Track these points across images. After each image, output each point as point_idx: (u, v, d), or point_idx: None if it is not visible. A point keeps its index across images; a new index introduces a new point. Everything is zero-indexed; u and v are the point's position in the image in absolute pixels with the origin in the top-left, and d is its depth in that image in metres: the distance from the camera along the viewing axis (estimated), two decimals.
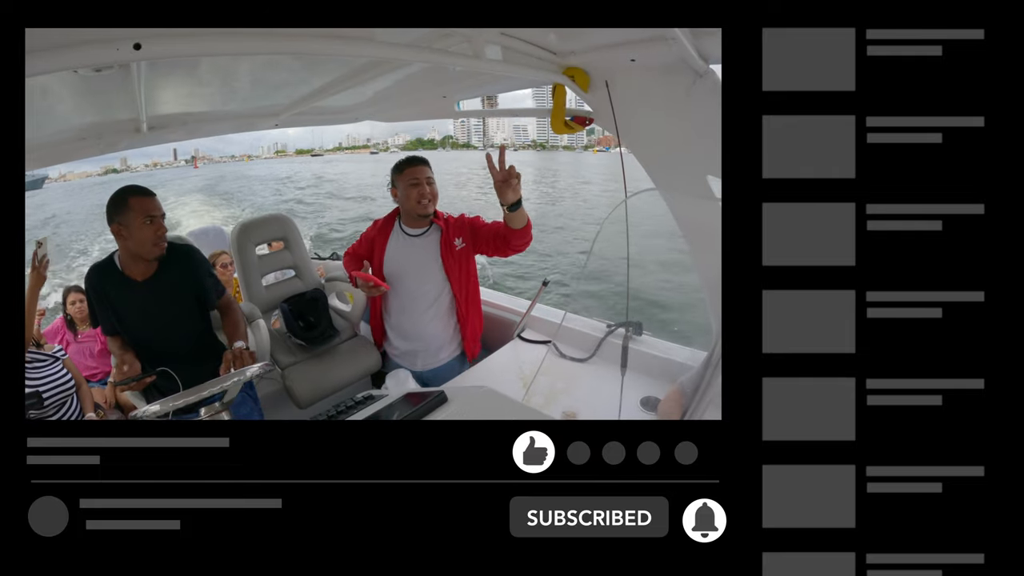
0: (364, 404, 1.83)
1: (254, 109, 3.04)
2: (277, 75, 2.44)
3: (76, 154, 2.79)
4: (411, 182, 2.89)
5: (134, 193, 2.38)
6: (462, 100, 3.08)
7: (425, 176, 2.91)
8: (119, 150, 2.96)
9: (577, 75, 2.21)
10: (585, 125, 2.48)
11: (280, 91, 2.75)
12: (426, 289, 3.00)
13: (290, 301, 3.86)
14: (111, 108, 2.37)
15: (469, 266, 3.03)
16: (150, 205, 2.39)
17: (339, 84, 2.54)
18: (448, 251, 2.94)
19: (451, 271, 2.95)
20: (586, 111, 2.42)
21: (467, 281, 3.03)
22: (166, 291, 2.53)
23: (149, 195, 2.41)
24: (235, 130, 3.31)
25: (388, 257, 3.06)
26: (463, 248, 2.96)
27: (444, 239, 2.95)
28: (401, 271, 3.04)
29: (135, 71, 1.83)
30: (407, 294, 3.05)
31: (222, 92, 2.59)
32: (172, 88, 2.34)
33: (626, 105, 2.20)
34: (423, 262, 2.98)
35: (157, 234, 2.39)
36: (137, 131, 2.70)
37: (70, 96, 2.06)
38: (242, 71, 2.30)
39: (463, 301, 3.02)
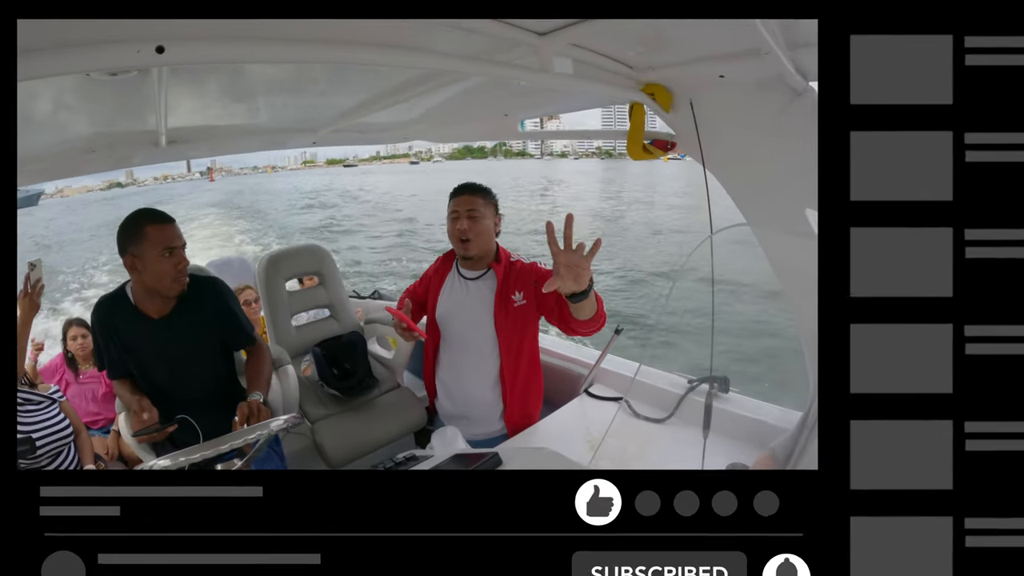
0: (406, 465, 1.89)
1: (289, 124, 3.10)
2: (316, 86, 2.48)
3: (83, 168, 2.86)
4: (452, 214, 2.91)
5: (151, 220, 2.45)
6: (526, 119, 3.17)
7: (467, 209, 2.87)
8: (133, 165, 3.09)
9: (658, 93, 2.28)
10: (667, 150, 2.54)
11: (319, 104, 2.80)
12: (474, 345, 2.99)
13: (324, 345, 3.94)
14: (126, 117, 2.41)
15: (527, 328, 2.95)
16: (170, 234, 2.46)
17: (386, 98, 2.59)
18: (503, 306, 2.90)
19: (503, 330, 2.91)
20: (667, 133, 2.50)
21: (521, 346, 2.95)
22: (186, 330, 2.60)
23: (168, 222, 2.48)
24: (266, 147, 3.42)
25: (441, 301, 3.07)
26: (523, 306, 2.90)
27: (500, 290, 2.91)
28: (451, 319, 3.05)
29: (156, 76, 1.85)
30: (456, 347, 3.05)
31: (254, 104, 2.64)
32: (197, 97, 2.39)
33: (713, 127, 2.27)
34: (474, 313, 2.97)
35: (177, 268, 2.46)
36: (155, 144, 2.76)
37: (78, 102, 2.10)
38: (278, 80, 2.34)
39: (511, 370, 2.95)
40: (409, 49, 1.65)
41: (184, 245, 2.49)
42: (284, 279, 4.09)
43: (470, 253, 2.89)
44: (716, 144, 2.30)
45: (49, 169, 2.83)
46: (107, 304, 2.61)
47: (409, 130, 3.51)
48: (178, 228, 2.50)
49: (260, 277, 4.08)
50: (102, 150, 2.75)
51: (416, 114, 3.17)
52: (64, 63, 1.21)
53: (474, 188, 2.94)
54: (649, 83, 2.28)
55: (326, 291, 4.25)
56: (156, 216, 2.47)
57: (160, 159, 3.03)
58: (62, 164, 2.79)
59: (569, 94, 2.66)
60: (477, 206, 2.89)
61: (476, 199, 2.91)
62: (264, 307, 4.11)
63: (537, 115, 3.31)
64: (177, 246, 2.45)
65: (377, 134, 3.54)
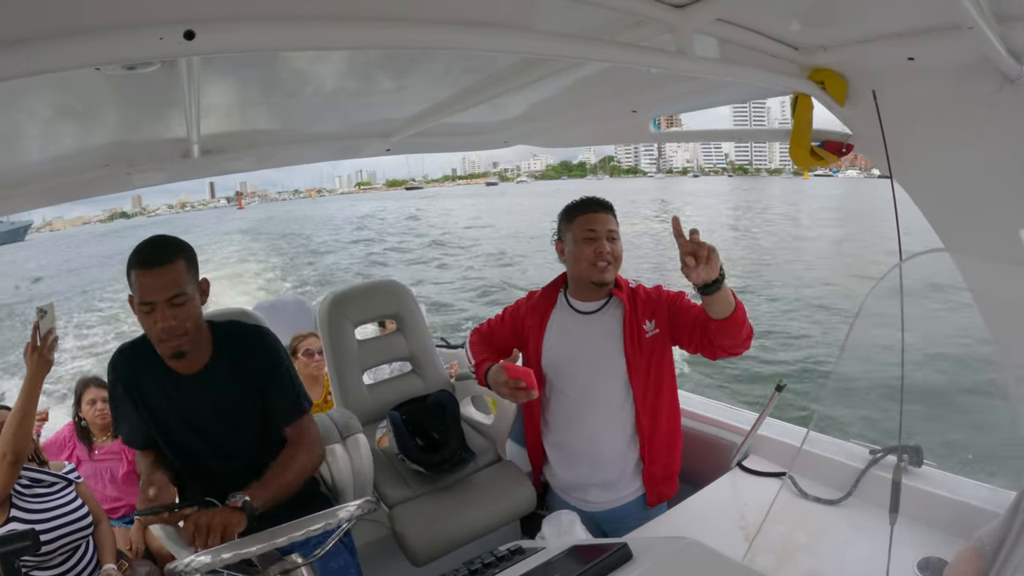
0: (511, 561, 1.83)
1: (355, 128, 3.15)
2: (388, 79, 2.47)
3: (94, 188, 2.90)
4: (585, 234, 2.93)
5: (136, 261, 2.42)
6: (659, 116, 3.17)
7: (606, 228, 2.92)
8: (160, 183, 3.06)
9: (829, 81, 2.28)
10: (842, 154, 2.51)
11: (393, 103, 2.82)
12: (600, 392, 2.99)
13: (405, 408, 3.90)
14: (147, 123, 2.45)
15: (663, 362, 2.97)
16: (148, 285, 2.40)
17: (476, 93, 2.61)
18: (633, 337, 2.92)
19: (635, 367, 2.92)
20: (841, 133, 2.48)
21: (658, 384, 2.97)
22: (222, 390, 2.64)
23: (152, 265, 2.41)
24: (325, 157, 3.48)
25: (548, 343, 3.10)
26: (656, 336, 2.93)
27: (628, 319, 2.94)
28: (567, 364, 3.05)
29: (184, 69, 1.80)
30: (574, 398, 3.05)
31: (309, 103, 2.63)
32: (236, 95, 2.39)
33: (900, 125, 2.24)
34: (598, 352, 2.99)
35: (159, 327, 2.43)
36: (185, 156, 2.81)
37: (86, 105, 2.09)
38: (338, 72, 2.32)
39: (650, 415, 2.96)
40: (507, 28, 1.62)
41: (173, 297, 2.41)
42: (354, 325, 4.07)
43: (609, 278, 2.95)
44: (903, 146, 2.26)
45: (49, 192, 2.85)
46: (128, 354, 2.65)
47: (508, 133, 3.54)
48: (171, 273, 2.42)
49: (323, 323, 4.05)
50: (118, 164, 2.78)
51: (514, 113, 3.22)
52: (67, 56, 1.16)
53: (607, 204, 2.99)
54: (818, 68, 2.27)
55: (406, 339, 4.22)
56: (142, 256, 2.43)
57: (192, 174, 3.07)
58: (66, 184, 2.80)
59: (714, 85, 2.65)
60: (614, 226, 2.96)
61: (611, 218, 2.97)
62: (328, 360, 4.06)
63: (676, 111, 3.29)
64: (156, 301, 2.41)
65: (465, 139, 3.58)
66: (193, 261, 2.56)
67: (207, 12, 1.18)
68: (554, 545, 1.90)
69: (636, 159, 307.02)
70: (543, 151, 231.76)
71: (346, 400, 3.96)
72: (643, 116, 3.11)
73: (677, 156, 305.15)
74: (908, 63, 2.06)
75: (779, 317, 19.64)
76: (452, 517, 3.44)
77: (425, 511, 3.48)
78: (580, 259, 2.93)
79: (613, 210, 2.98)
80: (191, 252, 2.56)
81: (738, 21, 2.03)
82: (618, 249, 2.94)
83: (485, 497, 3.57)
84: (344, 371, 4.00)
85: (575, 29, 1.87)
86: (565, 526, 2.59)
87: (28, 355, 2.90)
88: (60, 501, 3.28)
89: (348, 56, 2.10)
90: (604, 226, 2.91)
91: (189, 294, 2.47)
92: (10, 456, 2.95)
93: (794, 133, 2.47)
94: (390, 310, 4.25)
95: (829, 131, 2.49)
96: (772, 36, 2.16)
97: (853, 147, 2.47)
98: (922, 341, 13.23)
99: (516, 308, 3.25)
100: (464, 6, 1.58)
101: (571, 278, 3.07)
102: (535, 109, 3.12)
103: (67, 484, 3.38)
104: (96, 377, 4.79)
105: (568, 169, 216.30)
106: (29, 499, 3.17)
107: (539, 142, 3.75)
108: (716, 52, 2.20)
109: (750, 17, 2.03)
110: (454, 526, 3.41)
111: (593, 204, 2.98)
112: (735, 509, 2.92)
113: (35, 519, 3.11)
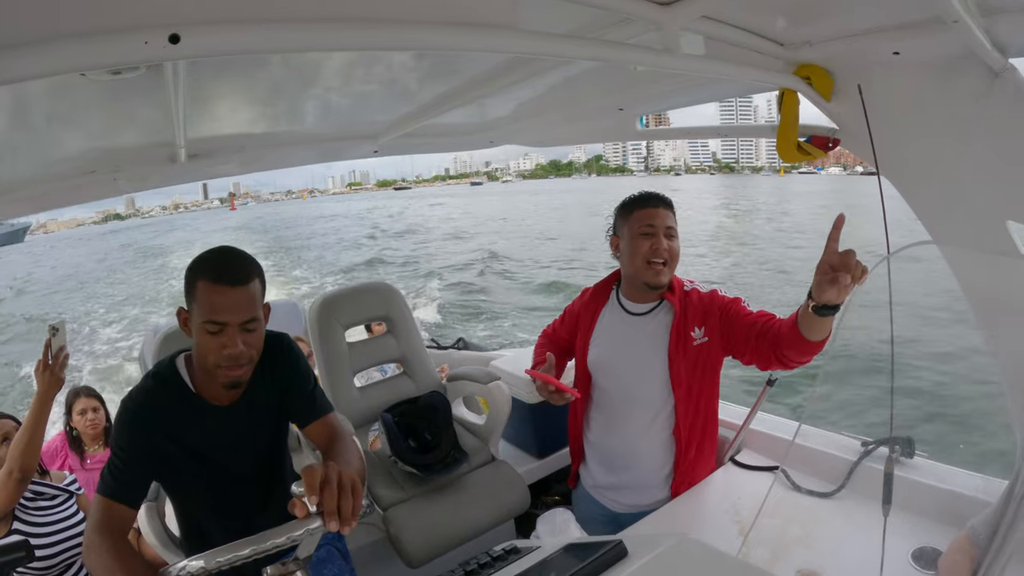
0: (507, 560, 1.82)
1: (342, 130, 3.12)
2: (375, 80, 2.44)
3: (81, 194, 2.84)
4: (643, 229, 2.85)
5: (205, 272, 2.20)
6: (646, 114, 3.16)
7: (664, 224, 2.84)
8: (147, 187, 3.00)
9: (815, 76, 2.29)
10: (828, 149, 2.51)
11: (380, 104, 2.79)
12: (641, 397, 2.94)
13: (396, 410, 3.90)
14: (133, 128, 2.40)
15: (707, 371, 2.91)
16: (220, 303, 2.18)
17: (463, 94, 2.60)
18: (680, 344, 2.86)
19: (679, 376, 2.86)
20: (827, 127, 2.47)
21: (700, 396, 2.91)
22: (256, 412, 2.45)
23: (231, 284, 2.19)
24: (313, 160, 3.43)
25: (595, 343, 3.06)
26: (704, 344, 2.86)
27: (677, 325, 2.88)
28: (610, 365, 3.01)
29: (170, 73, 1.77)
30: (619, 399, 3.01)
31: (295, 105, 2.61)
32: (224, 99, 2.35)
33: (885, 119, 2.25)
34: (642, 356, 2.93)
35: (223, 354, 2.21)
36: (172, 161, 2.75)
37: (71, 110, 2.03)
38: (326, 74, 2.29)
39: (688, 426, 2.91)
40: (493, 28, 1.59)
41: (248, 321, 2.22)
42: (343, 327, 4.05)
43: (665, 280, 2.86)
44: (890, 141, 2.27)
45: (35, 199, 2.78)
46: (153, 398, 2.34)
47: (493, 133, 3.52)
48: (249, 293, 2.22)
49: (312, 326, 4.02)
50: (104, 170, 2.72)
51: (501, 113, 3.20)
52: (52, 61, 1.14)
53: (666, 200, 2.91)
54: (804, 64, 2.28)
55: (397, 341, 4.21)
56: (218, 270, 2.20)
57: (179, 179, 3.04)
58: (52, 191, 2.75)
59: (701, 82, 2.65)
60: (673, 222, 2.88)
61: (671, 214, 2.89)
62: (318, 363, 4.03)
63: (663, 109, 3.27)
64: (229, 322, 2.19)
65: (452, 139, 3.54)
66: (264, 283, 2.35)
67: (192, 15, 1.17)
68: (549, 544, 1.89)
69: (624, 158, 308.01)
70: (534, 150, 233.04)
71: (337, 403, 3.91)
72: (629, 114, 3.10)
73: (665, 155, 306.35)
74: (893, 57, 2.07)
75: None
76: (447, 518, 3.43)
77: (419, 513, 3.46)
78: (636, 255, 2.85)
79: (672, 206, 2.91)
80: (263, 274, 2.34)
81: (724, 18, 2.02)
82: (676, 247, 2.86)
83: (479, 497, 3.57)
84: (335, 374, 3.98)
85: (561, 28, 1.88)
86: (560, 525, 2.63)
87: (39, 373, 2.83)
88: (63, 514, 3.26)
89: (335, 58, 2.08)
90: (663, 221, 2.83)
91: (261, 320, 2.30)
92: (17, 474, 2.91)
93: (781, 128, 2.45)
94: (380, 312, 4.23)
95: (816, 126, 2.48)
96: (758, 32, 2.16)
97: (840, 142, 2.46)
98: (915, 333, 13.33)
99: (572, 307, 3.22)
100: (449, 6, 1.57)
101: (624, 276, 3.01)
102: (522, 109, 3.10)
103: (68, 496, 3.35)
104: (87, 387, 4.78)
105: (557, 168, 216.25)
106: (32, 512, 3.14)
107: (526, 141, 3.74)
108: (702, 49, 2.20)
109: (736, 14, 2.03)
110: (449, 527, 3.40)
111: (652, 199, 2.90)
112: (729, 504, 2.92)
113: (37, 532, 3.08)
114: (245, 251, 2.31)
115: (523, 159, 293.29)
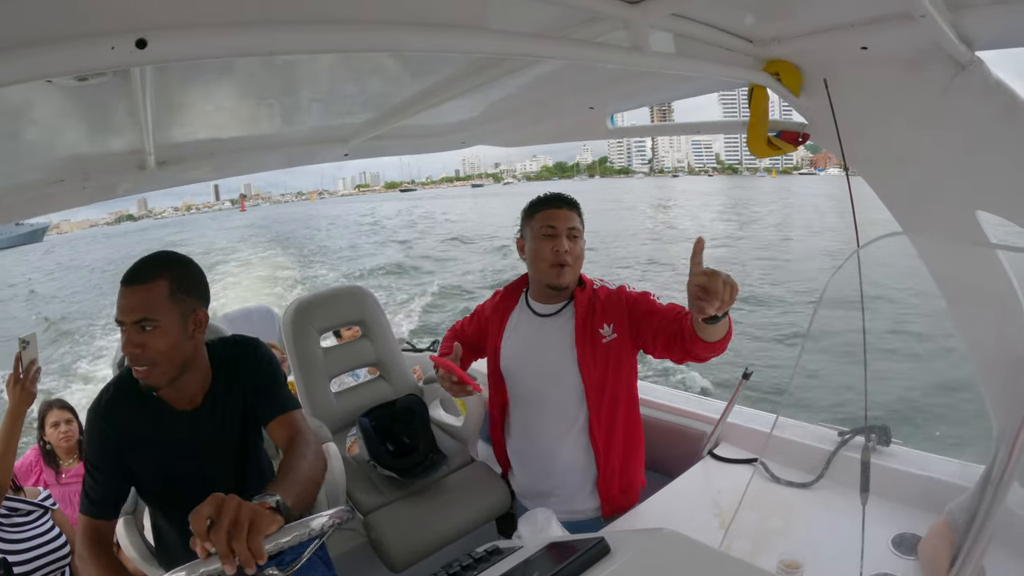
0: (489, 561, 1.81)
1: (312, 133, 3.08)
2: (346, 84, 2.44)
3: (49, 203, 2.77)
4: (545, 231, 2.83)
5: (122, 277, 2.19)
6: (617, 112, 3.15)
7: (567, 225, 2.82)
8: (117, 195, 2.94)
9: (784, 72, 2.28)
10: (797, 144, 2.51)
11: (350, 106, 2.76)
12: (553, 399, 2.91)
13: (373, 413, 3.85)
14: (101, 135, 2.35)
15: (622, 369, 2.88)
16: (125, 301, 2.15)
17: (433, 95, 2.55)
18: (586, 343, 2.84)
19: (589, 374, 2.84)
20: (797, 123, 2.48)
21: (616, 392, 2.88)
22: (218, 417, 2.43)
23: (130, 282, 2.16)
24: (284, 164, 3.38)
25: (506, 345, 3.03)
26: (614, 340, 2.84)
27: (582, 323, 2.86)
28: (521, 368, 2.99)
29: (138, 79, 1.73)
30: (531, 403, 2.99)
31: (265, 109, 2.56)
32: (193, 104, 2.30)
33: (854, 113, 2.25)
34: (550, 356, 2.91)
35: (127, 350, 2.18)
36: (141, 168, 2.71)
37: (38, 117, 1.98)
38: (296, 77, 2.26)
39: (605, 424, 2.88)
40: (461, 28, 1.57)
41: (140, 321, 2.15)
42: (318, 332, 4.01)
43: (566, 282, 2.84)
44: (859, 134, 2.27)
45: (3, 209, 2.73)
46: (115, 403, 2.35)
47: (467, 134, 3.50)
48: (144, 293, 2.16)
49: (287, 331, 3.96)
50: (72, 179, 2.67)
51: (472, 113, 3.18)
52: (16, 68, 1.11)
53: (570, 200, 2.90)
54: (773, 60, 2.27)
55: (372, 345, 4.16)
56: (127, 270, 2.21)
57: (149, 186, 2.98)
58: (19, 201, 2.69)
59: (671, 79, 2.65)
60: (577, 223, 2.86)
61: (574, 214, 2.87)
62: (293, 369, 3.98)
63: (633, 107, 3.24)
64: (124, 321, 2.17)
65: (423, 141, 3.51)
66: (181, 285, 2.23)
67: (159, 20, 1.17)
68: (531, 544, 1.89)
69: (628, 160, 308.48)
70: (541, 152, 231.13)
71: (314, 409, 3.89)
72: (600, 112, 3.10)
73: (669, 156, 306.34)
74: (861, 52, 2.06)
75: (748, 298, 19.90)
76: (428, 521, 3.40)
77: (400, 516, 3.44)
78: (538, 258, 2.84)
79: (578, 207, 2.88)
80: (182, 274, 2.25)
81: (693, 15, 2.01)
82: (579, 248, 2.84)
83: (459, 499, 3.54)
84: (311, 380, 3.92)
85: (529, 27, 1.86)
86: (541, 524, 2.54)
87: (10, 387, 2.74)
88: (39, 530, 3.25)
89: (304, 61, 2.05)
90: (565, 223, 2.81)
91: (160, 322, 2.15)
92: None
93: (751, 124, 2.46)
94: (355, 316, 4.19)
95: (787, 122, 2.49)
96: (727, 30, 2.15)
97: (809, 137, 2.47)
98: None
99: (483, 307, 3.20)
100: (417, 7, 1.57)
101: (530, 278, 3.00)
102: (492, 109, 3.08)
103: (44, 512, 3.34)
104: (59, 399, 4.74)
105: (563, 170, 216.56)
106: (8, 529, 3.12)
107: (497, 142, 3.73)
108: (672, 47, 2.19)
109: (705, 11, 2.02)
110: (430, 530, 3.37)
111: (555, 200, 2.88)
112: (709, 497, 2.92)
113: (14, 549, 3.07)
114: (178, 254, 2.33)
115: (530, 161, 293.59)
